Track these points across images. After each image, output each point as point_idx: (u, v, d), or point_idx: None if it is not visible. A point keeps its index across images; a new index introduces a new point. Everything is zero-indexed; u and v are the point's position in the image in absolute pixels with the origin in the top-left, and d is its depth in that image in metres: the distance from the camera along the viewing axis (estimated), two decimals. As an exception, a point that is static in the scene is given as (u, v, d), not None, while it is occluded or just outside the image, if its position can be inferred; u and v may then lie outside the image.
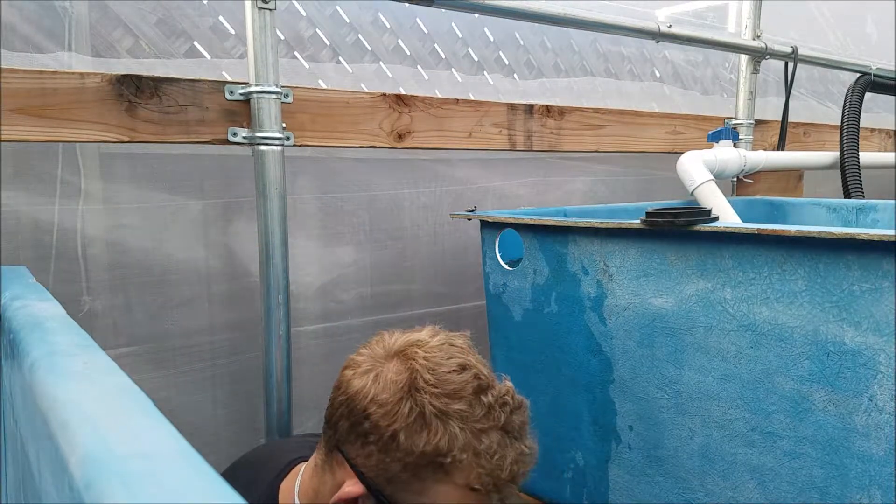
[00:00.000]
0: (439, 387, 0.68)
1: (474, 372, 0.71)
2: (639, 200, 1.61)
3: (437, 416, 0.67)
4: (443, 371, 0.70)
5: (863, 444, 0.74)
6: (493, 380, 0.73)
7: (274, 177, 1.05)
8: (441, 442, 0.66)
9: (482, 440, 0.68)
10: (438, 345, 0.73)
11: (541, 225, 1.04)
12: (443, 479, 0.67)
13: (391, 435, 0.67)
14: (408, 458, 0.67)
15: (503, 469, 0.68)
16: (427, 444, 0.66)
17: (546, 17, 1.37)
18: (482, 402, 0.69)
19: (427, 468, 0.67)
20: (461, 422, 0.67)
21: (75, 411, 0.34)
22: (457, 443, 0.67)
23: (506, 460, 0.69)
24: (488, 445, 0.68)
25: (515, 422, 0.72)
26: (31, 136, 0.92)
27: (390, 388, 0.69)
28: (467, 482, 0.67)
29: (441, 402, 0.67)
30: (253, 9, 1.01)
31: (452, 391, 0.68)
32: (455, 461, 0.67)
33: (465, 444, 0.67)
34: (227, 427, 1.25)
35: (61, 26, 1.03)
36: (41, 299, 0.65)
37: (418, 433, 0.67)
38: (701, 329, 0.86)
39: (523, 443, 0.72)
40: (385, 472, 0.68)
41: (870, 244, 0.70)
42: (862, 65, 1.92)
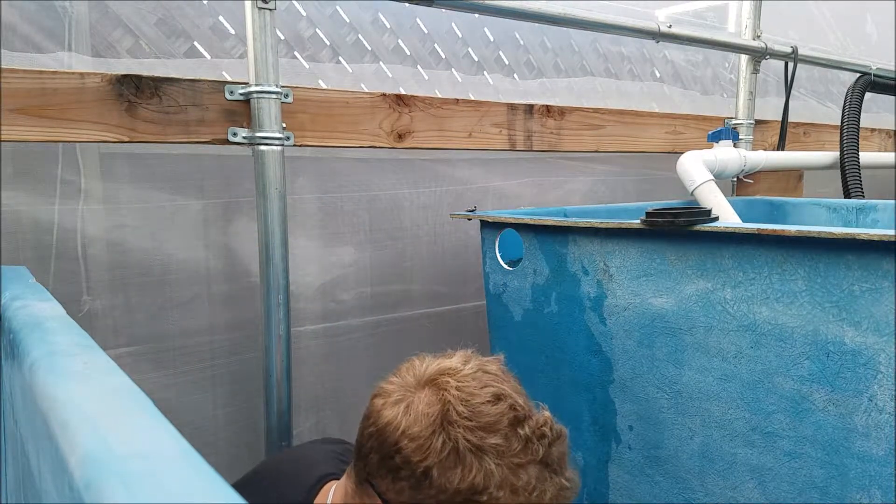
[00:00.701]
0: (473, 419, 0.65)
1: (510, 402, 0.67)
2: (639, 200, 1.61)
3: (471, 451, 0.64)
4: (477, 402, 0.66)
5: (863, 444, 0.74)
6: (530, 409, 0.69)
7: (274, 177, 1.05)
8: (476, 479, 0.63)
9: (520, 476, 0.64)
10: (472, 373, 0.69)
11: (541, 225, 1.04)
12: None
13: (423, 471, 0.64)
14: (441, 496, 0.64)
15: None
16: (462, 481, 0.63)
17: (546, 17, 1.37)
18: (519, 435, 0.66)
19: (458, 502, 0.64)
20: (497, 457, 0.64)
21: (75, 411, 0.34)
22: (493, 479, 0.63)
23: (545, 496, 0.65)
24: (527, 482, 0.64)
25: (555, 454, 0.68)
26: (31, 136, 0.92)
27: (422, 420, 0.66)
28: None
29: (476, 437, 0.64)
30: (253, 9, 1.01)
31: (487, 424, 0.65)
32: (491, 499, 0.63)
33: (502, 480, 0.64)
34: (227, 427, 1.25)
35: (61, 26, 1.03)
36: (41, 299, 0.65)
37: (452, 469, 0.64)
38: (701, 329, 0.86)
39: (563, 476, 0.68)
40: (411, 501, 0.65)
41: (870, 244, 0.70)
42: (862, 65, 1.92)
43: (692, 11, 1.92)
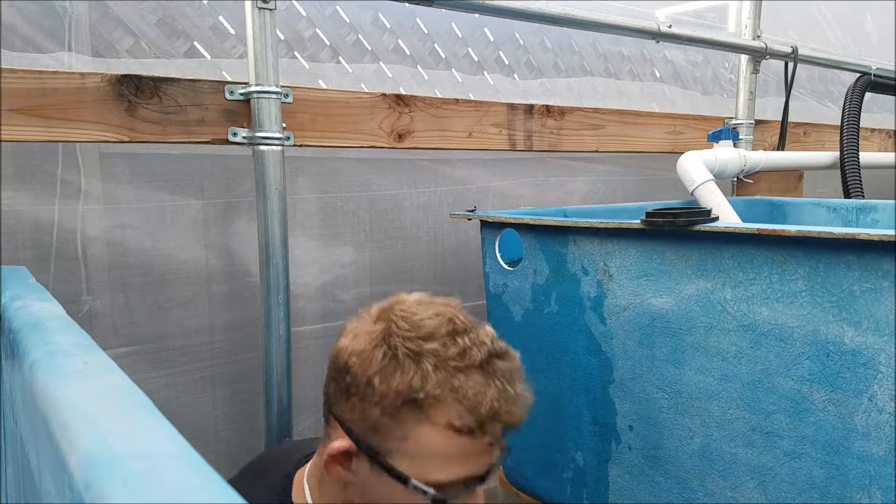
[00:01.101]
0: (413, 331, 0.68)
1: (450, 317, 0.70)
2: (639, 200, 1.61)
3: (409, 357, 0.67)
4: (418, 318, 0.69)
5: (863, 444, 0.74)
6: (473, 325, 0.70)
7: (274, 177, 1.05)
8: (414, 380, 0.66)
9: (457, 377, 0.66)
10: (418, 300, 0.73)
11: (541, 225, 1.04)
12: (422, 420, 0.66)
13: (367, 381, 0.67)
14: (384, 402, 0.66)
15: (482, 405, 0.66)
16: (400, 383, 0.66)
17: (546, 17, 1.37)
18: (457, 342, 0.68)
19: (404, 409, 0.66)
20: (435, 359, 0.66)
21: (75, 411, 0.34)
22: (430, 380, 0.66)
23: (485, 396, 0.66)
24: (463, 382, 0.66)
25: (499, 365, 0.69)
26: (31, 136, 0.92)
27: (366, 338, 0.69)
28: (447, 420, 0.66)
29: (414, 344, 0.67)
30: (253, 9, 1.01)
31: (426, 333, 0.67)
32: (429, 397, 0.65)
33: (440, 381, 0.66)
34: (227, 427, 1.25)
35: (61, 26, 1.03)
36: (41, 299, 0.65)
37: (392, 374, 0.66)
38: (701, 329, 0.86)
39: (509, 384, 0.69)
40: (367, 420, 0.68)
41: (870, 244, 0.70)
42: (862, 65, 1.92)
43: (692, 11, 1.92)
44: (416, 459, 0.67)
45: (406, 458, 0.67)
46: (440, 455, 0.67)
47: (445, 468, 0.68)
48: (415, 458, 0.67)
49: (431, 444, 0.67)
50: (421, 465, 0.67)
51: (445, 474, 0.68)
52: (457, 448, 0.67)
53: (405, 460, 0.67)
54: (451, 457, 0.68)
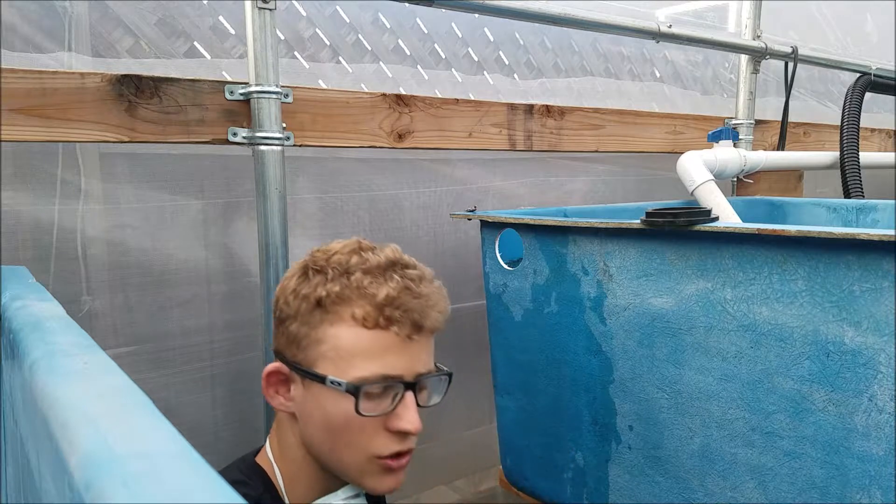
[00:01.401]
0: (324, 252, 0.75)
1: (357, 240, 0.76)
2: (639, 200, 1.61)
3: (316, 271, 0.73)
4: (330, 245, 0.76)
5: (863, 444, 0.74)
6: (379, 246, 0.76)
7: (274, 177, 1.05)
8: (318, 286, 0.72)
9: (356, 276, 0.72)
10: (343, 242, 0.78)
11: (541, 225, 1.04)
12: (331, 320, 0.71)
13: (285, 302, 0.74)
14: (298, 314, 0.72)
15: (380, 294, 0.70)
16: (307, 290, 0.72)
17: (546, 17, 1.37)
18: (361, 255, 0.73)
19: (314, 314, 0.71)
20: (338, 266, 0.72)
21: (75, 411, 0.34)
22: (334, 282, 0.71)
23: (384, 287, 0.71)
24: (360, 278, 0.71)
25: (401, 270, 0.74)
26: (31, 136, 0.92)
27: (288, 274, 0.76)
28: (352, 313, 0.70)
29: (322, 261, 0.73)
30: (253, 9, 1.01)
31: (333, 253, 0.74)
32: (331, 295, 0.71)
33: (343, 282, 0.71)
34: (227, 427, 1.25)
35: (61, 26, 1.03)
36: (41, 299, 0.65)
37: (301, 288, 0.73)
38: (701, 329, 0.86)
39: (412, 282, 0.74)
40: (290, 338, 0.73)
41: (870, 244, 0.70)
42: (862, 65, 1.92)
43: (692, 11, 1.92)
44: (334, 361, 0.71)
45: (326, 362, 0.71)
46: (354, 352, 0.71)
47: (362, 364, 0.71)
48: (333, 359, 0.71)
49: (343, 342, 0.71)
50: (339, 365, 0.71)
51: (362, 370, 0.71)
52: (369, 343, 0.71)
53: (325, 363, 0.71)
54: (365, 353, 0.71)
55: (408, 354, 0.73)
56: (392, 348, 0.71)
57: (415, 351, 0.73)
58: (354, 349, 0.70)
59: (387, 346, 0.71)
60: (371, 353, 0.71)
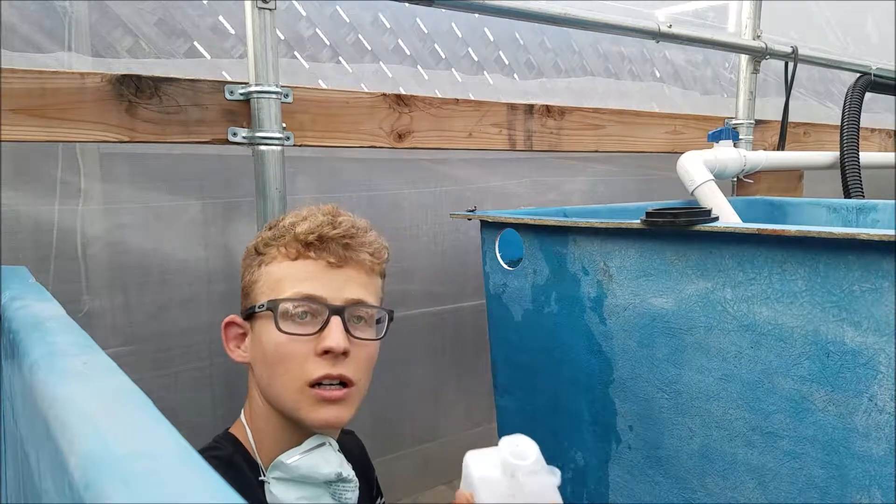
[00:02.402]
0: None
1: (320, 206, 0.84)
2: (639, 200, 1.61)
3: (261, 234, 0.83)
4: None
5: (863, 444, 0.74)
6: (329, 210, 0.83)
7: (274, 177, 1.05)
8: (259, 241, 0.82)
9: (285, 221, 0.81)
10: None
11: (541, 225, 1.04)
12: (264, 261, 0.80)
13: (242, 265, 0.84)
14: (245, 270, 0.82)
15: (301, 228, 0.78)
16: (250, 245, 0.83)
17: (546, 17, 1.37)
18: (303, 213, 0.81)
19: (252, 261, 0.81)
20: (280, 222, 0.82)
21: (75, 411, 0.34)
22: (266, 232, 0.82)
23: (306, 224, 0.78)
24: (289, 221, 0.80)
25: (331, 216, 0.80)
26: (31, 136, 0.92)
27: None
28: (280, 252, 0.79)
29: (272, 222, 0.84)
30: (253, 9, 1.01)
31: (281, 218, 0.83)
32: (264, 239, 0.81)
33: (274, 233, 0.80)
34: (226, 425, 1.25)
35: (61, 26, 1.03)
36: (41, 299, 0.65)
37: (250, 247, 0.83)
38: (701, 329, 0.86)
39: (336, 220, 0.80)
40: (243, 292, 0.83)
41: (870, 244, 0.70)
42: (862, 65, 1.92)
43: (692, 11, 1.92)
44: (266, 293, 0.79)
45: (261, 296, 0.79)
46: (281, 280, 0.78)
47: (286, 288, 0.77)
48: (265, 292, 0.79)
49: (272, 275, 0.79)
50: (269, 295, 0.78)
51: (285, 293, 0.77)
52: (292, 270, 0.78)
53: (260, 298, 0.79)
54: (289, 278, 0.78)
55: (333, 281, 0.78)
56: (315, 273, 0.77)
57: (341, 279, 0.78)
58: (282, 278, 0.78)
59: (310, 271, 0.77)
60: (295, 279, 0.77)
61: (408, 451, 1.47)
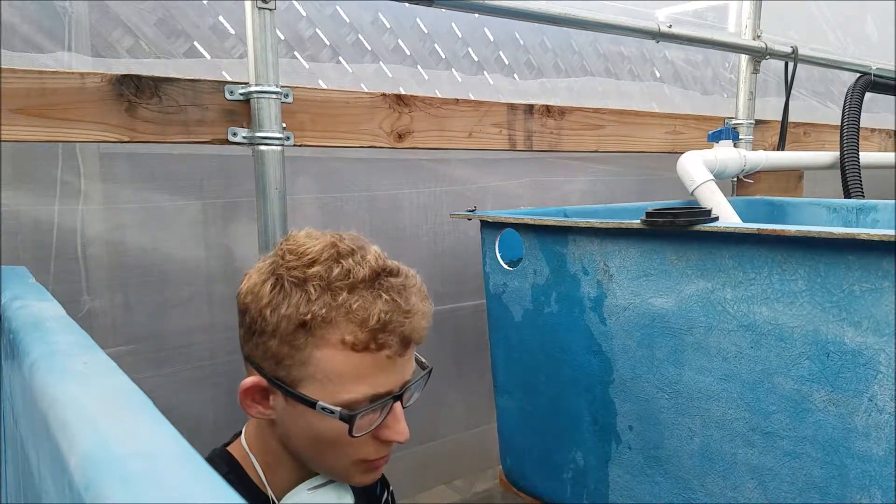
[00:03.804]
0: (297, 259, 0.69)
1: (334, 242, 0.71)
2: (639, 200, 1.61)
3: (295, 284, 0.68)
4: (304, 248, 0.70)
5: (863, 444, 0.74)
6: (358, 248, 0.72)
7: (274, 177, 1.05)
8: (301, 305, 0.67)
9: (342, 295, 0.67)
10: (306, 233, 0.73)
11: (541, 225, 1.04)
12: (317, 343, 0.67)
13: (261, 314, 0.69)
14: (279, 331, 0.68)
15: (371, 318, 0.67)
16: (288, 309, 0.67)
17: (546, 17, 1.37)
18: (341, 264, 0.69)
19: (298, 335, 0.67)
20: (319, 282, 0.67)
21: (75, 411, 0.34)
22: (316, 302, 0.67)
23: (373, 309, 0.67)
24: (346, 298, 0.67)
25: (385, 280, 0.70)
26: (31, 136, 0.92)
27: (257, 276, 0.71)
28: (340, 338, 0.67)
29: (299, 271, 0.68)
30: (253, 9, 1.01)
31: (310, 260, 0.69)
32: (316, 318, 0.66)
33: (325, 301, 0.67)
34: (227, 426, 1.25)
35: (61, 26, 1.03)
36: (41, 299, 0.65)
37: (280, 303, 0.68)
38: (701, 329, 0.86)
39: (399, 297, 0.70)
40: (270, 353, 0.69)
41: (870, 244, 0.70)
42: (862, 65, 1.92)
43: (692, 11, 1.92)
44: (322, 383, 0.68)
45: (313, 384, 0.68)
46: (344, 375, 0.68)
47: (352, 387, 0.68)
48: (321, 381, 0.68)
49: (332, 365, 0.68)
50: (328, 388, 0.68)
51: (352, 394, 0.68)
52: (358, 365, 0.68)
53: (313, 385, 0.68)
54: (354, 375, 0.68)
55: (397, 370, 0.71)
56: (382, 368, 0.69)
57: (402, 364, 0.72)
58: (343, 373, 0.68)
59: (377, 366, 0.69)
60: (361, 376, 0.68)
61: (408, 451, 1.46)
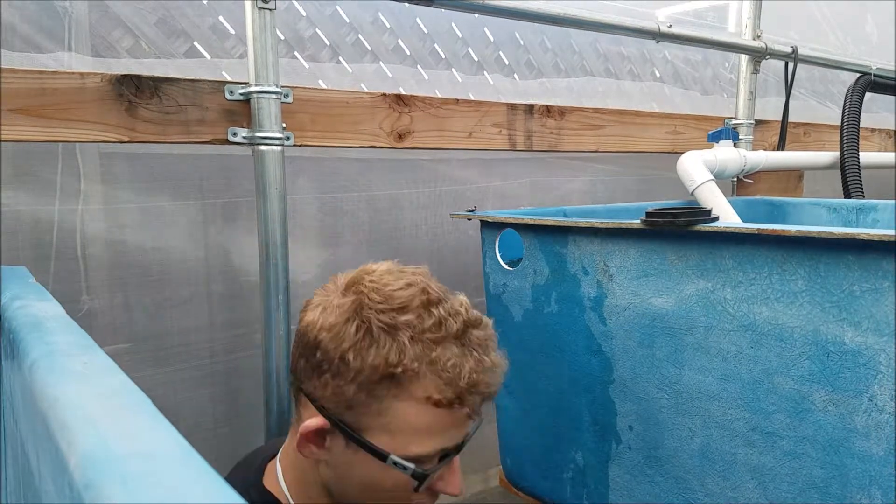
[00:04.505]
0: (386, 303, 0.66)
1: (423, 287, 0.68)
2: (639, 200, 1.61)
3: (384, 331, 0.65)
4: (390, 289, 0.67)
5: (863, 444, 0.74)
6: (445, 294, 0.69)
7: (274, 177, 1.05)
8: (391, 355, 0.64)
9: (434, 349, 0.65)
10: (387, 269, 0.70)
11: (541, 225, 1.04)
12: (400, 395, 0.65)
13: (341, 357, 0.65)
14: (360, 377, 0.64)
15: (461, 377, 0.65)
16: (376, 357, 0.64)
17: (546, 17, 1.37)
18: (432, 313, 0.66)
19: (381, 384, 0.64)
20: (411, 332, 0.65)
21: (75, 411, 0.34)
22: (407, 353, 0.64)
23: (464, 368, 0.65)
24: (440, 353, 0.65)
25: (473, 334, 0.68)
26: (31, 136, 0.92)
27: (337, 312, 0.67)
28: (426, 394, 0.65)
29: (388, 317, 0.65)
30: (253, 9, 1.01)
31: (399, 305, 0.66)
32: (407, 371, 0.64)
33: (417, 354, 0.64)
34: (226, 425, 1.25)
35: (61, 26, 1.03)
36: (41, 299, 0.65)
37: (367, 349, 0.64)
38: (701, 329, 0.86)
39: (485, 354, 0.68)
40: (342, 397, 0.65)
41: (870, 244, 0.70)
42: (862, 65, 1.92)
43: (692, 11, 1.92)
44: (394, 434, 0.66)
45: (384, 434, 0.66)
46: (419, 429, 0.66)
47: (425, 442, 0.66)
48: (393, 433, 0.66)
49: (410, 419, 0.65)
50: (399, 440, 0.66)
51: (424, 448, 0.66)
52: (436, 421, 0.66)
53: (383, 436, 0.66)
54: (430, 430, 0.66)
55: (465, 424, 0.69)
56: (457, 425, 0.68)
57: (470, 417, 0.69)
58: (420, 428, 0.66)
59: (453, 423, 0.67)
60: (435, 431, 0.66)
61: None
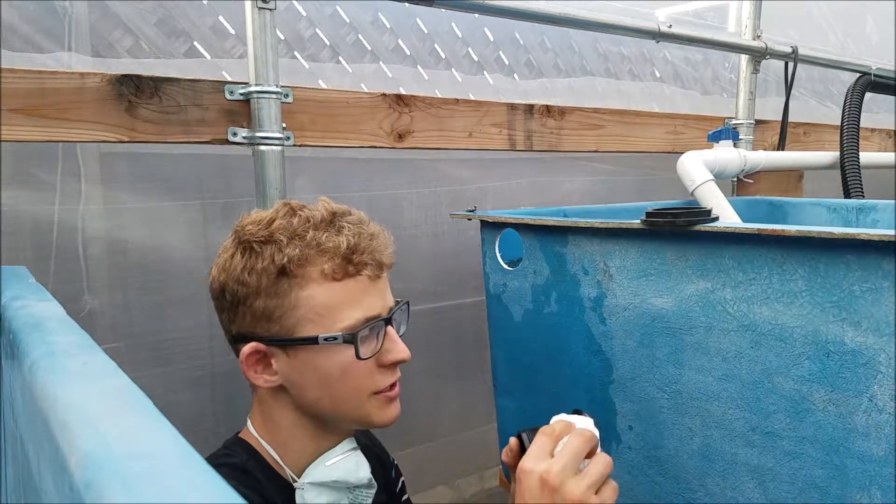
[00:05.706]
0: (256, 224, 0.73)
1: (282, 202, 0.76)
2: (639, 200, 1.61)
3: (262, 242, 0.72)
4: (257, 215, 0.75)
5: (863, 444, 0.74)
6: (307, 205, 0.76)
7: (274, 177, 1.05)
8: (276, 255, 0.71)
9: (309, 234, 0.71)
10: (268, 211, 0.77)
11: (541, 225, 1.04)
12: (300, 283, 0.71)
13: (239, 281, 0.72)
14: (260, 287, 0.71)
15: (342, 246, 0.71)
16: (264, 262, 0.71)
17: (546, 17, 1.37)
18: (298, 214, 0.73)
19: (279, 282, 0.71)
20: (284, 233, 0.71)
21: (75, 411, 0.34)
22: (287, 248, 0.71)
23: (340, 238, 0.72)
24: (316, 235, 0.71)
25: (344, 219, 0.75)
26: (31, 136, 0.92)
27: (224, 255, 0.75)
28: (320, 271, 0.71)
29: (263, 232, 0.72)
30: (253, 9, 1.01)
31: (268, 220, 0.73)
32: (293, 260, 0.70)
33: (296, 244, 0.71)
34: (226, 424, 1.25)
35: (61, 26, 1.03)
36: (41, 299, 0.65)
37: (255, 263, 0.71)
38: (701, 329, 0.86)
39: (361, 227, 0.75)
40: (258, 314, 0.72)
41: (870, 244, 0.70)
42: (862, 65, 1.92)
43: (692, 11, 1.92)
44: (315, 321, 0.72)
45: (308, 325, 0.72)
46: (332, 306, 0.72)
47: (345, 314, 0.72)
48: (314, 320, 0.72)
49: (320, 299, 0.72)
50: (324, 323, 0.72)
51: (347, 320, 0.72)
52: (343, 293, 0.72)
53: (308, 325, 0.72)
54: (344, 303, 0.72)
55: (379, 293, 0.76)
56: (366, 291, 0.74)
57: (382, 288, 0.77)
58: (332, 303, 0.72)
59: (361, 290, 0.74)
60: (350, 302, 0.73)
61: (408, 451, 1.47)
